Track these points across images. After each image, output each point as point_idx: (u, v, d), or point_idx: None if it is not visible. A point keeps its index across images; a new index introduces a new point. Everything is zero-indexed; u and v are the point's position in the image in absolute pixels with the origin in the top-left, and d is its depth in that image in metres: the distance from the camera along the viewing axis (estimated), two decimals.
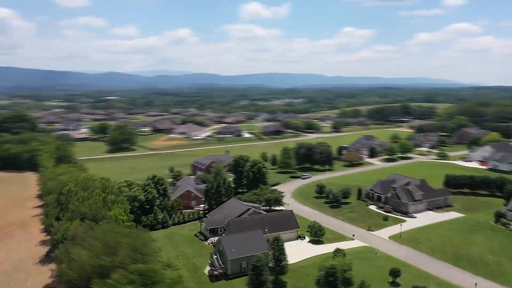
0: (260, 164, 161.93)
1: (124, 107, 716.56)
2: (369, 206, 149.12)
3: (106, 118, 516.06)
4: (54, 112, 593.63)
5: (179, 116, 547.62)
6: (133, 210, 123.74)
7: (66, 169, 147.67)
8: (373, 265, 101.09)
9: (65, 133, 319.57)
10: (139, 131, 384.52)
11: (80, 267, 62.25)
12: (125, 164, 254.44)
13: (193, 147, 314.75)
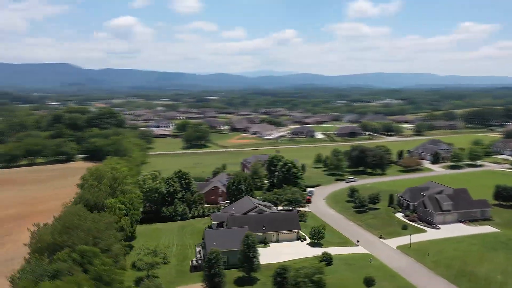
0: (290, 165, 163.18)
1: (220, 106, 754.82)
2: (396, 213, 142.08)
3: (198, 116, 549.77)
4: (156, 110, 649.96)
5: (266, 115, 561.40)
6: (154, 200, 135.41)
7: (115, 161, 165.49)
8: (358, 272, 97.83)
9: (149, 129, 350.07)
10: (219, 129, 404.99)
11: (38, 242, 73.46)
12: (193, 160, 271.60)
13: (262, 146, 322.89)
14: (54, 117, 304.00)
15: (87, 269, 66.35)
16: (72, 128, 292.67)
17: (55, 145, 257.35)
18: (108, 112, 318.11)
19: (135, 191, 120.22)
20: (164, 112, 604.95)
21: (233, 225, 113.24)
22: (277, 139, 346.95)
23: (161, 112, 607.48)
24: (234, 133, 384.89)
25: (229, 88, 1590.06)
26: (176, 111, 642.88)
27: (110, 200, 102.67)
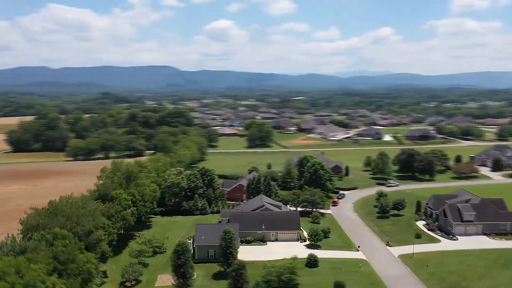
0: (317, 166, 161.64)
1: (300, 107, 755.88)
2: (418, 221, 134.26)
3: (274, 116, 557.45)
4: (237, 110, 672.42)
5: (343, 116, 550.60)
6: (176, 194, 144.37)
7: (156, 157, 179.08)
8: (339, 277, 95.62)
9: (215, 128, 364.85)
10: (286, 130, 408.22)
11: (26, 223, 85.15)
12: (249, 159, 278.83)
13: (322, 147, 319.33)
14: (130, 115, 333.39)
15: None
16: (145, 126, 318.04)
17: (127, 141, 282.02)
18: (177, 111, 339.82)
19: (150, 184, 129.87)
20: (244, 112, 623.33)
21: (234, 221, 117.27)
22: (341, 140, 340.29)
23: (241, 112, 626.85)
24: (300, 133, 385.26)
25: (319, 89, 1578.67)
26: (256, 111, 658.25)
27: (116, 191, 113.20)
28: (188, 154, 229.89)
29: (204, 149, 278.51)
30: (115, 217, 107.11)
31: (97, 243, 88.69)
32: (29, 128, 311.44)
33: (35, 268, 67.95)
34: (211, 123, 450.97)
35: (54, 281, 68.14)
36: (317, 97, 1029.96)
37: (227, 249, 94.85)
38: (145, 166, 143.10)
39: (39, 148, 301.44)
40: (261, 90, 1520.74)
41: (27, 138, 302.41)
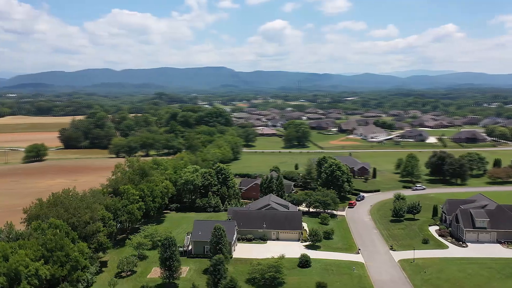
0: (334, 167, 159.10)
1: (349, 107, 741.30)
2: (432, 226, 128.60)
3: (320, 117, 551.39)
4: (284, 111, 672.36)
5: (391, 117, 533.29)
6: (191, 191, 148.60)
7: (182, 155, 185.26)
8: (328, 278, 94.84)
9: (253, 128, 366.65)
10: (328, 130, 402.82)
11: (28, 213, 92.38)
12: (282, 159, 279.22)
13: (359, 148, 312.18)
14: (171, 115, 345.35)
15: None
16: (185, 125, 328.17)
17: (165, 139, 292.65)
18: (216, 111, 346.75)
19: (163, 181, 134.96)
20: (290, 113, 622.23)
21: (237, 219, 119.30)
22: (381, 142, 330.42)
23: (287, 113, 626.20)
24: (340, 134, 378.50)
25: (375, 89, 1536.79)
26: (303, 111, 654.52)
27: (123, 186, 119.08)
28: (218, 153, 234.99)
29: (239, 149, 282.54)
30: (121, 210, 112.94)
31: (94, 234, 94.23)
32: (79, 126, 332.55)
33: (21, 253, 74.10)
34: (255, 123, 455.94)
35: (37, 266, 73.86)
36: (369, 98, 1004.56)
37: (216, 245, 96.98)
38: (161, 163, 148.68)
39: (87, 145, 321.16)
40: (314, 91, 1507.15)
41: (77, 135, 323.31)
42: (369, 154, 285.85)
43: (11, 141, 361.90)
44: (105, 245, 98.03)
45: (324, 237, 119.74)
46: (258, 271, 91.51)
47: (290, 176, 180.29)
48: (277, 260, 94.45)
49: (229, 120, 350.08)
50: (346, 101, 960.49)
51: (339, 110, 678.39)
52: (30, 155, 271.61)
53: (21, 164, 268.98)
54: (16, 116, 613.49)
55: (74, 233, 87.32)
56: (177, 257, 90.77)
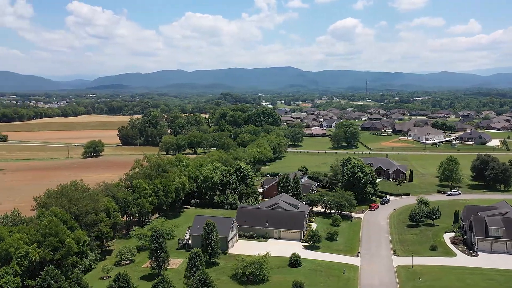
0: (356, 168, 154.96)
1: (417, 107, 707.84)
2: (448, 233, 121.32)
3: (381, 117, 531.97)
4: (345, 111, 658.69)
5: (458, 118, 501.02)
6: (209, 188, 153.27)
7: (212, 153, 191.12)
8: (313, 279, 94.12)
9: (303, 129, 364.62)
10: (382, 131, 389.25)
11: (36, 202, 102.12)
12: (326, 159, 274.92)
13: (412, 150, 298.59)
14: (221, 114, 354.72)
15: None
16: (233, 124, 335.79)
17: (212, 138, 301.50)
18: (264, 111, 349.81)
19: (181, 177, 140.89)
20: (350, 113, 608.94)
21: (241, 216, 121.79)
22: (435, 144, 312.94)
23: (348, 113, 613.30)
24: (393, 135, 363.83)
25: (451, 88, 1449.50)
26: (364, 111, 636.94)
27: (136, 181, 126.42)
28: (256, 152, 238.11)
29: (282, 148, 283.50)
30: (131, 203, 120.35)
31: (95, 223, 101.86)
32: (136, 124, 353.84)
33: (16, 236, 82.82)
34: (310, 123, 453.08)
35: (27, 249, 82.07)
36: (441, 97, 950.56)
37: (206, 240, 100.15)
38: (182, 160, 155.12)
39: (141, 142, 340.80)
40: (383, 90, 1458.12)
41: (133, 133, 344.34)
42: (419, 157, 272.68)
43: (78, 138, 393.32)
44: (107, 235, 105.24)
45: (327, 238, 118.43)
46: (241, 267, 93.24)
47: (315, 176, 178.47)
48: (261, 257, 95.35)
49: (277, 119, 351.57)
50: (415, 101, 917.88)
51: (404, 110, 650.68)
52: (88, 150, 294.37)
53: (80, 159, 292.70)
54: (91, 115, 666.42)
55: (73, 221, 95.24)
56: (165, 249, 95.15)
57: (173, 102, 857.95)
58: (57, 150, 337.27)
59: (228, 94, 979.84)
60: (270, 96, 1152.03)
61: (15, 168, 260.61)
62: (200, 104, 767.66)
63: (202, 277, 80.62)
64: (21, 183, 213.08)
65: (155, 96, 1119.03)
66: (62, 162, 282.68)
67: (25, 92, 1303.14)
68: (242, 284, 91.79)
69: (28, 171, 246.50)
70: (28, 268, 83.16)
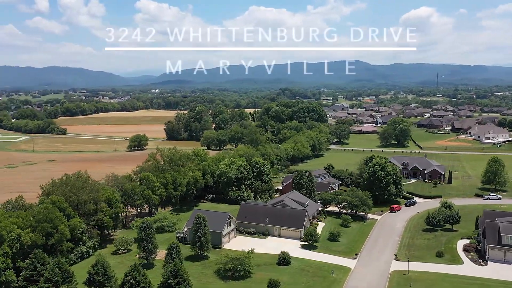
0: (377, 167, 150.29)
1: (490, 103, 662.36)
2: (465, 239, 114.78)
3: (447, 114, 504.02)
4: (408, 107, 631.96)
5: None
6: (224, 183, 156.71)
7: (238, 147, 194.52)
8: (295, 279, 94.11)
9: (352, 125, 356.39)
10: (440, 129, 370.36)
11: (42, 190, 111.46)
12: None
13: (467, 150, 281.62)
14: (264, 110, 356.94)
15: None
16: (276, 120, 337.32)
17: (251, 133, 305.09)
18: (309, 106, 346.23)
19: (193, 171, 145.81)
20: (413, 109, 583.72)
21: (242, 212, 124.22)
22: (497, 144, 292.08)
23: (410, 109, 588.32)
24: (451, 134, 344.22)
25: None
26: (430, 107, 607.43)
27: (144, 174, 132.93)
28: (290, 148, 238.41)
29: (322, 145, 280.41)
30: (138, 195, 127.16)
31: (95, 213, 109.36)
32: (181, 119, 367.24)
33: (11, 221, 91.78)
34: (365, 120, 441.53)
35: (19, 232, 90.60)
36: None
37: (195, 233, 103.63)
38: (200, 154, 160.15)
39: (186, 137, 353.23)
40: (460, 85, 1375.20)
41: (178, 128, 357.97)
42: (473, 157, 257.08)
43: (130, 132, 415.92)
44: (107, 224, 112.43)
45: (329, 239, 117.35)
46: (222, 262, 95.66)
47: (338, 175, 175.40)
48: (245, 253, 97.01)
49: (322, 115, 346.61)
50: (492, 96, 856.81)
51: (475, 106, 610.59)
52: (132, 144, 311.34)
53: (124, 152, 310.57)
54: (148, 109, 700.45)
55: (70, 210, 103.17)
56: (152, 240, 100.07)
57: (230, 97, 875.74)
58: (107, 143, 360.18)
59: (287, 89, 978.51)
60: (332, 92, 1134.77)
61: (64, 159, 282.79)
62: (257, 99, 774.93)
63: (174, 269, 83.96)
64: (62, 173, 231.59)
65: (215, 91, 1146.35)
66: (108, 154, 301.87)
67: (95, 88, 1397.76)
68: (223, 279, 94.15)
69: (74, 163, 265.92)
70: (21, 251, 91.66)
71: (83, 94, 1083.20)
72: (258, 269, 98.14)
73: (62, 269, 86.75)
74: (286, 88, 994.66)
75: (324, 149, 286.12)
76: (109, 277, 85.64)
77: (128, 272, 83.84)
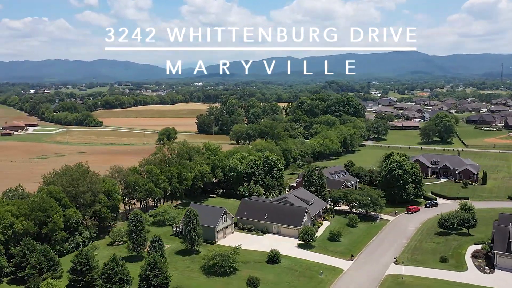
0: (394, 165, 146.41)
1: None
2: (479, 244, 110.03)
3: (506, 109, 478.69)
4: (464, 101, 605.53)
5: None
6: (234, 178, 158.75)
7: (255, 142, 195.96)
8: (280, 277, 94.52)
9: (385, 121, 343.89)
10: (492, 125, 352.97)
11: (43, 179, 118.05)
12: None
13: None
14: (298, 103, 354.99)
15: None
16: (310, 114, 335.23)
17: (283, 128, 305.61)
18: (345, 100, 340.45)
19: (202, 165, 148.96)
20: (467, 104, 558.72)
21: (243, 208, 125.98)
22: None
23: (464, 103, 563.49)
24: (503, 130, 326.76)
25: None
26: (489, 102, 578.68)
27: (148, 167, 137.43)
28: (316, 144, 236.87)
29: (356, 141, 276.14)
30: (140, 188, 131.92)
31: (91, 204, 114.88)
32: (213, 113, 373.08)
33: (6, 208, 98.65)
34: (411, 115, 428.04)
35: (12, 220, 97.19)
36: None
37: (185, 227, 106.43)
38: (211, 148, 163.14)
39: (216, 131, 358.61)
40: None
41: (209, 121, 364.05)
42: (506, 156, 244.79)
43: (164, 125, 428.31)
44: (104, 215, 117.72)
45: (329, 239, 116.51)
46: (206, 258, 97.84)
47: (356, 172, 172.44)
48: (231, 249, 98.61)
49: (359, 109, 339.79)
50: None
51: None
52: (161, 137, 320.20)
53: (153, 145, 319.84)
54: (187, 103, 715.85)
55: (67, 200, 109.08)
56: (141, 232, 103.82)
57: (272, 91, 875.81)
58: (139, 136, 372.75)
59: (334, 82, 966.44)
60: (382, 85, 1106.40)
61: (94, 151, 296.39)
62: (300, 92, 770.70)
63: (152, 261, 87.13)
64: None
65: (259, 84, 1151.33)
66: (137, 147, 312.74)
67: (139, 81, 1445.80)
68: (207, 274, 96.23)
69: (101, 155, 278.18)
70: (14, 238, 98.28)
71: (127, 87, 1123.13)
72: (245, 266, 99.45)
73: (47, 257, 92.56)
74: (333, 81, 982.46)
75: (357, 145, 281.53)
76: (91, 267, 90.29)
77: (106, 263, 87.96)
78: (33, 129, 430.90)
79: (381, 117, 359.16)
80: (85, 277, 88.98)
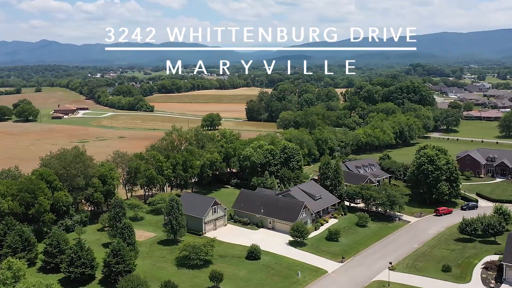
0: (424, 159, 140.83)
1: None
2: (495, 254, 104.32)
3: None
4: None
5: None
6: (251, 168, 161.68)
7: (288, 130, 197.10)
8: (253, 275, 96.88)
9: (458, 110, 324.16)
10: None
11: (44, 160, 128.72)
12: None
13: None
14: (356, 89, 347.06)
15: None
16: (369, 101, 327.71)
17: (335, 116, 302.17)
18: (409, 86, 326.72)
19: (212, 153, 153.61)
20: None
21: (240, 200, 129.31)
22: None
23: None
24: None
25: None
26: None
27: (150, 152, 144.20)
28: (361, 135, 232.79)
29: (416, 132, 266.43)
30: (141, 173, 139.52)
31: (84, 188, 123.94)
32: (263, 99, 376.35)
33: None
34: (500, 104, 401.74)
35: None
36: None
37: (167, 216, 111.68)
38: (226, 136, 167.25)
39: (265, 118, 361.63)
40: None
41: (258, 108, 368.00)
42: None
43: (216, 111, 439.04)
44: (97, 200, 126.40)
45: (327, 238, 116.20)
46: (178, 249, 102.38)
47: (387, 167, 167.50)
48: (206, 242, 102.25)
49: (426, 97, 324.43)
50: None
51: None
52: (205, 124, 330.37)
53: None
54: (249, 88, 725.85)
55: (58, 182, 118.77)
56: (122, 219, 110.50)
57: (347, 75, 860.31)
58: (184, 122, 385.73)
59: (419, 65, 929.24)
60: (480, 68, 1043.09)
61: (134, 136, 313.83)
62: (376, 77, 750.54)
63: (116, 248, 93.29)
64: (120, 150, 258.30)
65: (334, 68, 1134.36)
66: None
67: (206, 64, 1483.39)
68: (178, 266, 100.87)
69: (139, 140, 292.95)
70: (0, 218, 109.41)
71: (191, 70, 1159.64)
72: (221, 260, 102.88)
73: (23, 237, 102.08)
74: (418, 64, 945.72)
75: (417, 137, 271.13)
76: (61, 250, 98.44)
77: (71, 246, 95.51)
78: (83, 113, 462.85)
79: (455, 106, 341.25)
80: (54, 260, 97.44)
